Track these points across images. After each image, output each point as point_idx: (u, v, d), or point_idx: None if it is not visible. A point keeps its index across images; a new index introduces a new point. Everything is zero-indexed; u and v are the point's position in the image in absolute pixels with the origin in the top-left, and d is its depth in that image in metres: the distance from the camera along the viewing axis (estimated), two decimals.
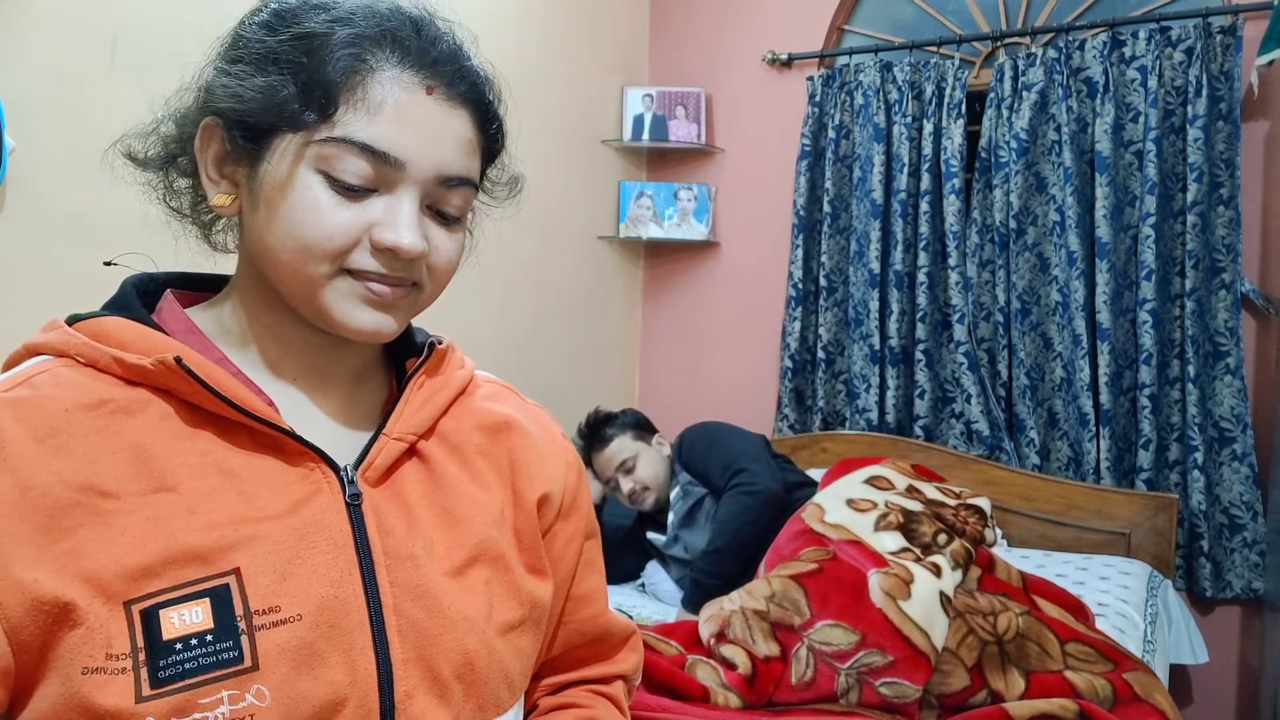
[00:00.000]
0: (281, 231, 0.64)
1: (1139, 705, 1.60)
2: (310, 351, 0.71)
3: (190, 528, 0.60)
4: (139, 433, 0.62)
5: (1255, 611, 2.62)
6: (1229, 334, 2.61)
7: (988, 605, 1.76)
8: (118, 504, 0.59)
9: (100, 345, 0.64)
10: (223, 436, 0.64)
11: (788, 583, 1.75)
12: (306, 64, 0.63)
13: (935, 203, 2.94)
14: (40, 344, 0.67)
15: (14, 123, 1.57)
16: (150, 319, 0.68)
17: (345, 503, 0.66)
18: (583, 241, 3.22)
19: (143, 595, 0.58)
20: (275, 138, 0.64)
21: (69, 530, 0.58)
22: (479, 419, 0.78)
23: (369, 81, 0.63)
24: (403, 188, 0.65)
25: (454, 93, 0.66)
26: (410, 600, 0.66)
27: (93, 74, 1.70)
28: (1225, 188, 2.60)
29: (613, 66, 3.31)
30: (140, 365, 0.63)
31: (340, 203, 0.64)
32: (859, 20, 3.24)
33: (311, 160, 0.63)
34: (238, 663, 0.58)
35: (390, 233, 0.64)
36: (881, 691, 1.61)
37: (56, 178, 1.66)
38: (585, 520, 0.85)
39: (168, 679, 0.57)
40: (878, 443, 2.89)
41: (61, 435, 0.60)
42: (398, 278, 0.66)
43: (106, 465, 0.60)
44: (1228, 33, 2.58)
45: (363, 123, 0.63)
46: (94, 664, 0.56)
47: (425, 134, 0.65)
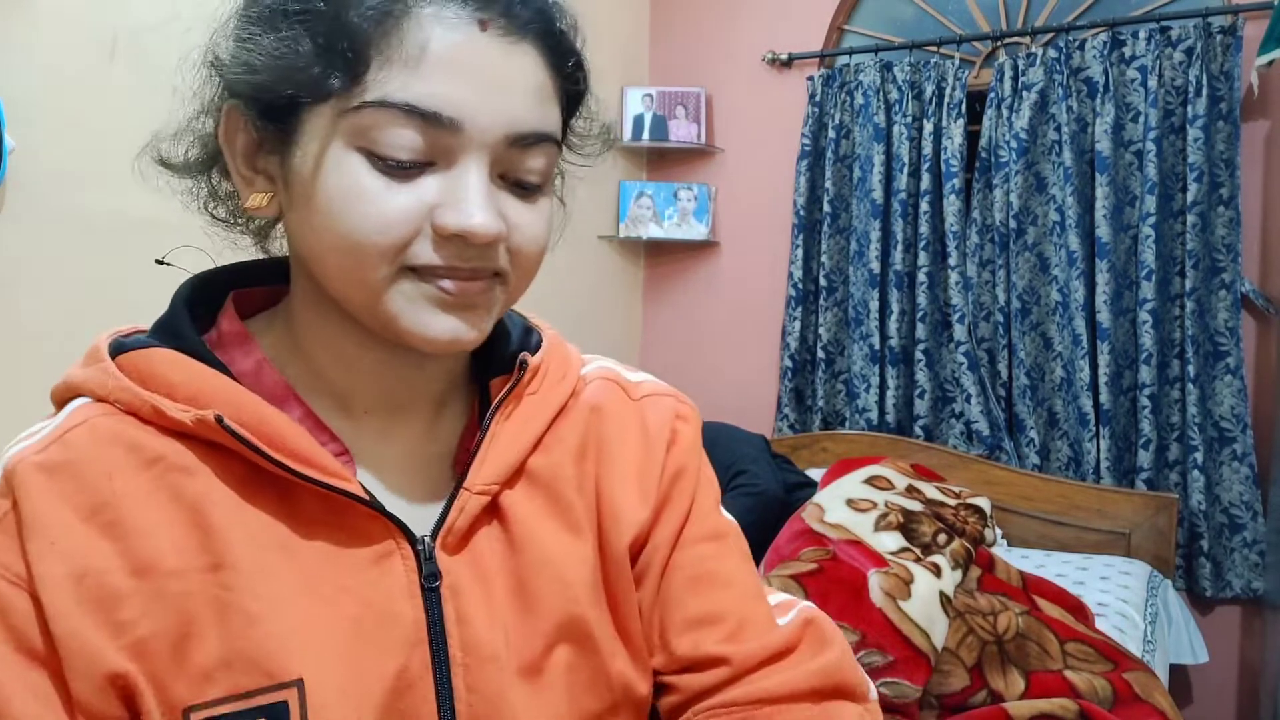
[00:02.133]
0: (324, 229, 0.52)
1: (1139, 705, 1.60)
2: (382, 376, 0.59)
3: (252, 621, 0.51)
4: (197, 495, 0.52)
5: (1255, 611, 2.62)
6: (1229, 334, 2.61)
7: (987, 605, 1.76)
8: (182, 584, 0.51)
9: (141, 391, 0.53)
10: (283, 499, 0.54)
11: (787, 582, 1.75)
12: (325, 10, 0.50)
13: (935, 203, 2.94)
14: (79, 384, 0.56)
15: (14, 123, 1.58)
16: (204, 349, 0.56)
17: (421, 585, 0.55)
18: (583, 241, 3.22)
19: (201, 704, 0.50)
20: (303, 114, 0.52)
21: (129, 625, 0.50)
22: (571, 441, 0.63)
23: (405, 24, 0.50)
24: (465, 156, 0.52)
25: (515, 24, 0.52)
26: (486, 708, 0.55)
27: (93, 74, 1.70)
28: (1225, 188, 2.60)
29: (613, 66, 3.31)
30: (179, 420, 0.53)
31: (389, 185, 0.51)
32: (859, 20, 3.24)
33: (347, 136, 0.50)
34: None
35: (456, 214, 0.51)
36: (881, 691, 1.61)
37: (56, 178, 1.66)
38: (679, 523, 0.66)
39: None
40: (878, 443, 2.89)
41: (110, 508, 0.51)
42: (472, 269, 0.53)
43: (165, 537, 0.51)
44: (1228, 33, 2.58)
45: (403, 78, 0.49)
46: None
47: (484, 82, 0.51)
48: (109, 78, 1.72)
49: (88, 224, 1.70)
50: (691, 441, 0.69)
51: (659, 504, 0.65)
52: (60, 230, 1.67)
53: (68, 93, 1.67)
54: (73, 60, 1.67)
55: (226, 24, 0.54)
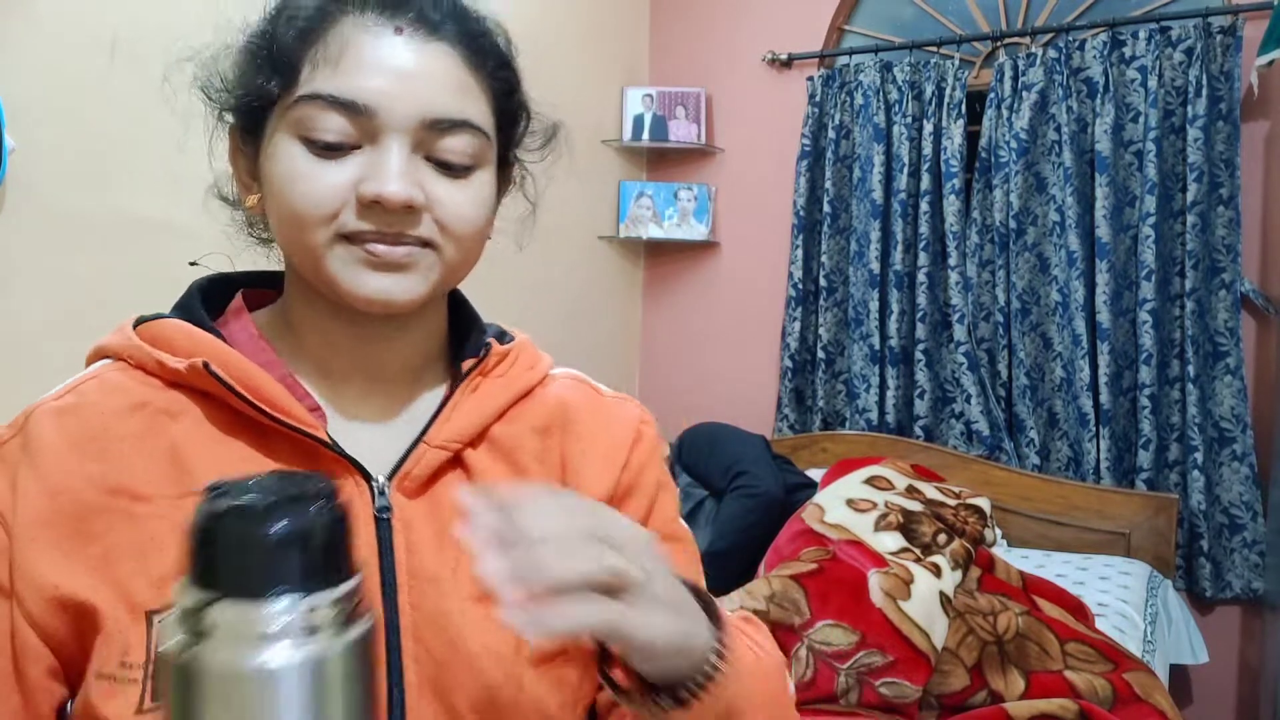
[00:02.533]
0: (277, 209, 0.62)
1: (1139, 705, 1.60)
2: (357, 346, 0.68)
3: None
4: (177, 435, 0.61)
5: (1255, 611, 2.62)
6: (1229, 334, 2.61)
7: (987, 605, 1.76)
8: (150, 507, 0.59)
9: (149, 348, 0.64)
10: (258, 443, 0.63)
11: (787, 583, 1.75)
12: (266, 31, 0.63)
13: (935, 203, 2.95)
14: (104, 346, 0.67)
15: (14, 123, 1.58)
16: (207, 321, 0.67)
17: (374, 516, 0.63)
18: (583, 241, 3.22)
19: (164, 606, 0.57)
20: (265, 118, 0.63)
21: (99, 534, 0.58)
22: (534, 420, 0.72)
23: (329, 32, 0.61)
24: (384, 138, 0.61)
25: (427, 26, 0.62)
26: (429, 627, 0.62)
27: (93, 74, 1.70)
28: (1225, 188, 2.60)
29: (613, 66, 3.31)
30: (175, 368, 0.63)
31: (321, 164, 0.60)
32: (859, 20, 3.24)
33: (288, 127, 0.61)
34: None
35: (373, 183, 0.60)
36: (881, 692, 1.61)
37: (56, 178, 1.66)
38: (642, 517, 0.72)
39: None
40: (878, 443, 2.89)
41: (99, 440, 0.60)
42: (395, 234, 0.61)
43: (141, 468, 0.60)
44: (1228, 33, 2.58)
45: (326, 75, 0.60)
46: (107, 670, 0.56)
47: (398, 76, 0.61)
48: (109, 78, 1.72)
49: (88, 224, 1.70)
50: (655, 445, 0.77)
51: (622, 491, 0.73)
52: (60, 230, 1.67)
53: (68, 93, 1.67)
54: (73, 60, 1.67)
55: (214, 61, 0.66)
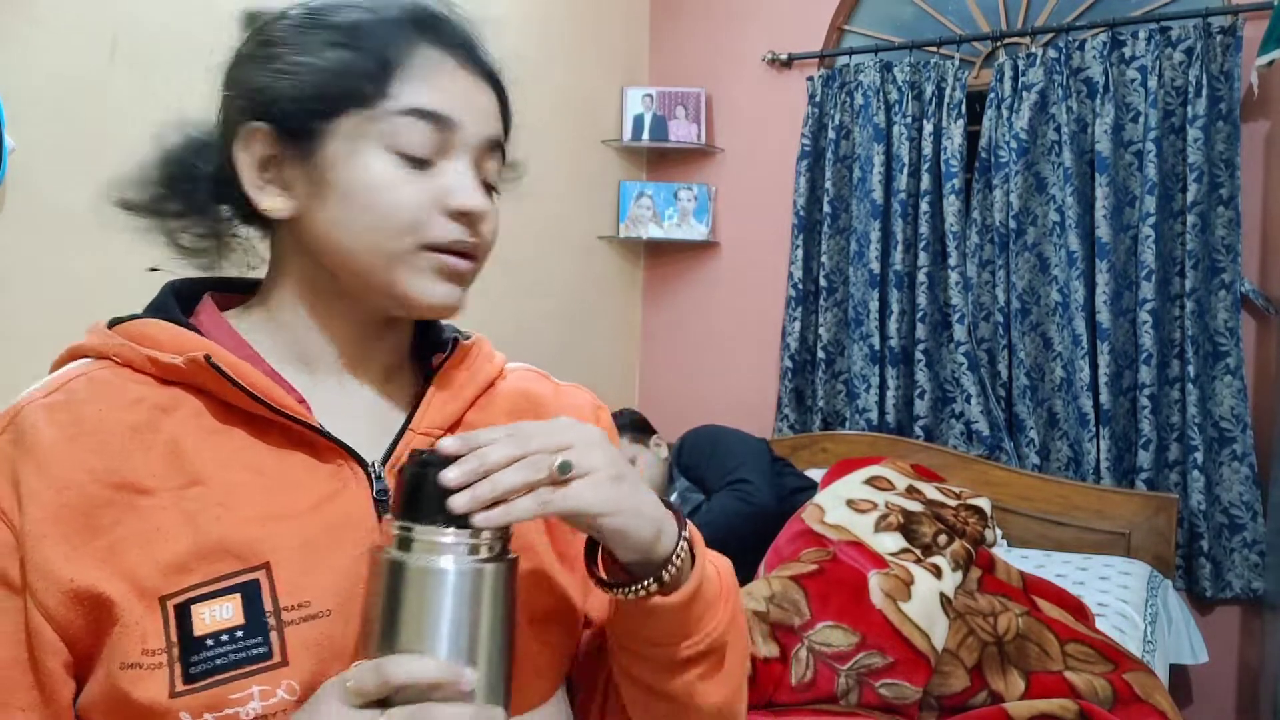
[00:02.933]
0: (357, 214, 0.65)
1: (1139, 705, 1.60)
2: (347, 345, 0.71)
3: (221, 522, 0.61)
4: (174, 429, 0.63)
5: (1255, 611, 2.62)
6: (1229, 334, 2.61)
7: (988, 606, 1.76)
8: (153, 500, 0.60)
9: (136, 346, 0.65)
10: (253, 433, 0.65)
11: (787, 583, 1.75)
12: (360, 45, 0.66)
13: (935, 203, 2.95)
14: (82, 347, 0.68)
15: (14, 123, 1.57)
16: (186, 321, 0.69)
17: (373, 499, 0.66)
18: (583, 241, 3.22)
19: (177, 591, 0.59)
20: (336, 121, 0.65)
21: (106, 528, 0.59)
22: (504, 407, 0.77)
23: (415, 57, 0.66)
24: (458, 153, 0.67)
25: (480, 70, 0.69)
26: None
27: (93, 74, 1.70)
28: (1225, 188, 2.60)
29: (613, 66, 3.31)
30: (173, 364, 0.64)
31: (410, 176, 0.65)
32: (859, 20, 3.24)
33: (376, 138, 0.65)
34: (267, 658, 0.59)
35: (463, 195, 0.66)
36: (881, 693, 1.61)
37: (56, 178, 1.65)
38: None
39: (199, 674, 0.58)
40: (878, 443, 2.89)
41: (97, 434, 0.61)
42: (471, 245, 0.68)
43: (142, 461, 0.61)
44: (1228, 33, 2.58)
45: (418, 91, 0.65)
46: (130, 659, 0.57)
47: (466, 100, 0.67)
48: (109, 78, 1.72)
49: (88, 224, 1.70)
50: (609, 429, 0.81)
51: None
52: (60, 230, 1.67)
53: (68, 93, 1.66)
54: (73, 60, 1.67)
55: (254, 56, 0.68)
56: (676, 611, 0.65)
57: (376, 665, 0.54)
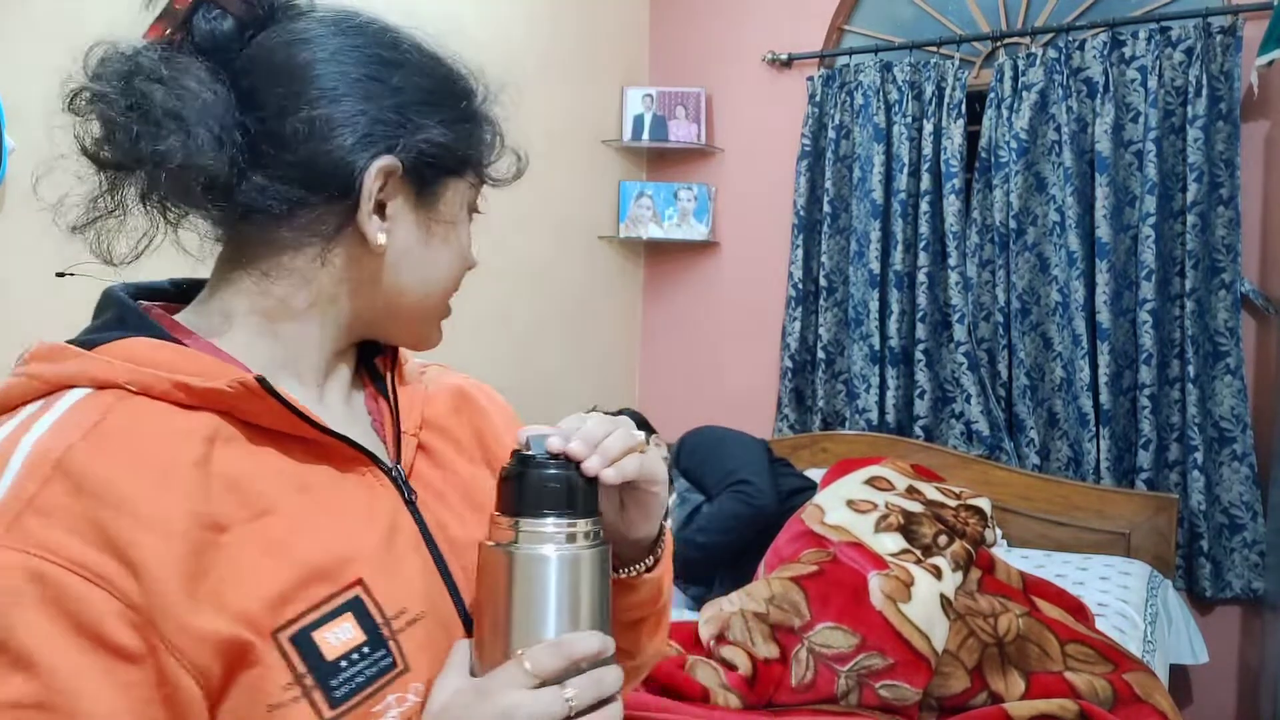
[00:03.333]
0: (449, 262, 0.72)
1: (1139, 706, 1.60)
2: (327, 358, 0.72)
3: (303, 547, 0.61)
4: (223, 460, 0.60)
5: (1255, 611, 2.62)
6: (1229, 334, 2.61)
7: (988, 607, 1.76)
8: (232, 536, 0.58)
9: (152, 371, 0.60)
10: (282, 451, 0.64)
11: (788, 584, 1.75)
12: (478, 121, 0.72)
13: (935, 203, 2.94)
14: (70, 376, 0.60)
15: (14, 123, 1.57)
16: (169, 336, 0.65)
17: (405, 502, 0.69)
18: (583, 241, 3.21)
19: (285, 623, 0.58)
20: (452, 179, 0.71)
21: (206, 571, 0.56)
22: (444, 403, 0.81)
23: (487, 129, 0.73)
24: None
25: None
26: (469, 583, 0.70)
27: None
28: (1225, 188, 2.60)
29: (613, 66, 3.31)
30: (214, 389, 0.60)
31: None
32: (859, 20, 3.24)
33: (469, 200, 0.73)
34: (394, 667, 0.62)
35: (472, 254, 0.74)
36: (881, 694, 1.61)
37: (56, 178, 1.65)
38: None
39: (344, 696, 0.59)
40: (878, 443, 2.89)
41: (170, 475, 0.57)
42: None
43: (212, 497, 0.58)
44: (1228, 33, 2.58)
45: (495, 165, 0.74)
46: (274, 700, 0.57)
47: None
48: None
49: None
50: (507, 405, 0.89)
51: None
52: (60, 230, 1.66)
53: None
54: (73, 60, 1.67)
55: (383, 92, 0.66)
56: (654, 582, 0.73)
57: (554, 646, 0.59)
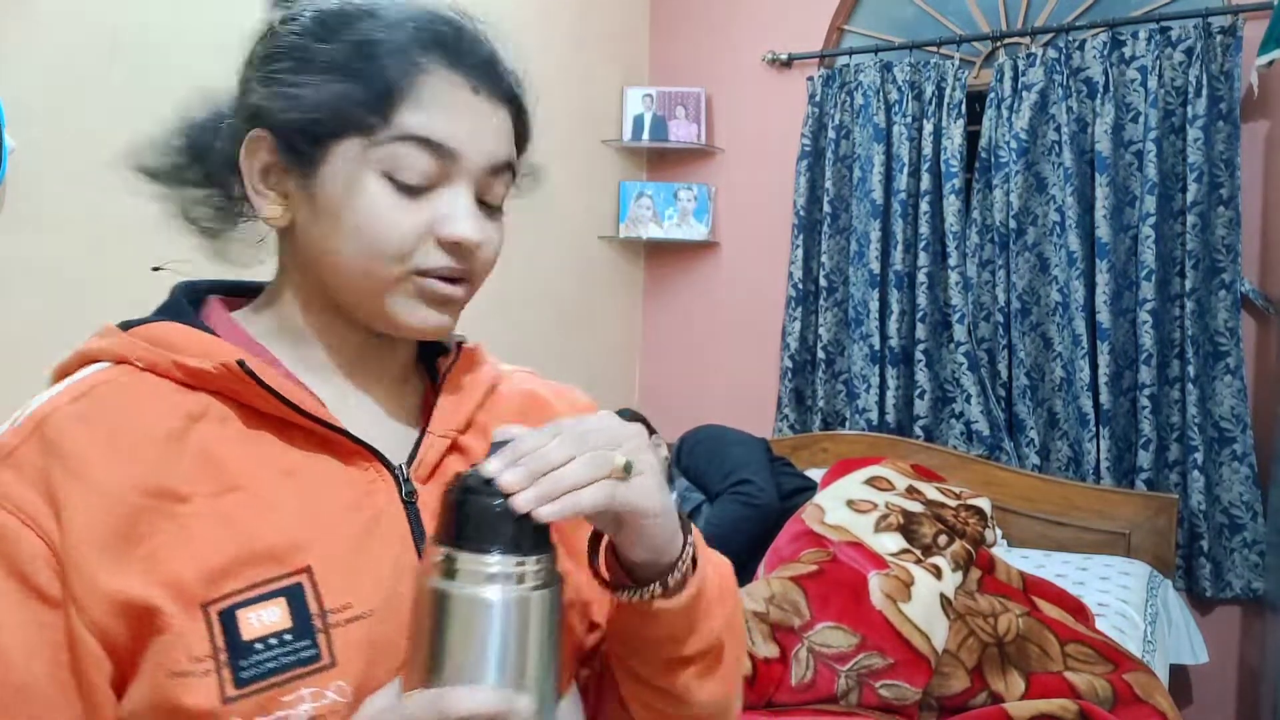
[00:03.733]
0: (347, 238, 0.65)
1: (1139, 706, 1.60)
2: (357, 352, 0.72)
3: (260, 527, 0.61)
4: (203, 436, 0.63)
5: (1255, 611, 2.62)
6: (1229, 334, 2.61)
7: (988, 607, 1.76)
8: (190, 507, 0.60)
9: (160, 350, 0.65)
10: (280, 438, 0.65)
11: (787, 584, 1.75)
12: (364, 69, 0.64)
13: (935, 203, 2.94)
14: (97, 350, 0.66)
15: (14, 123, 1.57)
16: (203, 324, 0.69)
17: (402, 500, 0.67)
18: (583, 241, 3.21)
19: (219, 597, 0.59)
20: (334, 144, 0.65)
21: (145, 536, 0.59)
22: (510, 407, 0.78)
23: (422, 83, 0.65)
24: (458, 180, 0.66)
25: (496, 90, 0.68)
26: None
27: (93, 74, 1.70)
28: (1225, 188, 2.60)
29: (613, 66, 3.31)
30: (202, 369, 0.63)
31: (403, 203, 0.65)
32: (859, 20, 3.24)
33: (373, 164, 0.64)
34: (316, 660, 0.59)
35: (454, 225, 0.65)
36: (881, 693, 1.61)
37: (56, 178, 1.65)
38: None
39: (250, 679, 0.58)
40: (878, 443, 2.89)
41: (132, 441, 0.61)
42: (461, 272, 0.67)
43: (176, 468, 0.61)
44: (1228, 33, 2.58)
45: (419, 119, 0.64)
46: (180, 668, 0.57)
47: (475, 127, 0.66)
48: (109, 78, 1.72)
49: (88, 224, 1.70)
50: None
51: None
52: (60, 230, 1.67)
53: (68, 93, 1.66)
54: (73, 60, 1.67)
55: (261, 65, 0.67)
56: (678, 614, 0.66)
57: (433, 698, 0.53)
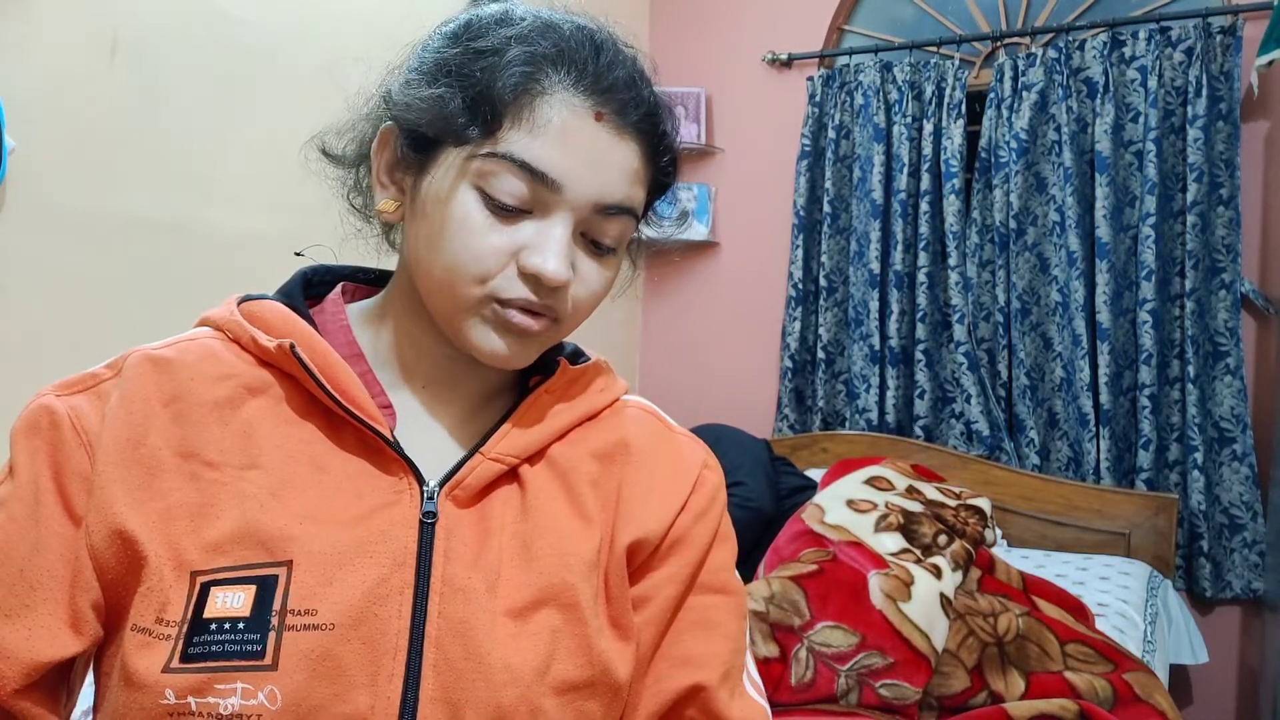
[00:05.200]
0: (434, 246, 0.64)
1: (1139, 706, 1.60)
2: (444, 362, 0.71)
3: (265, 511, 0.61)
4: (254, 411, 0.64)
5: (1255, 611, 2.62)
6: (1229, 334, 2.61)
7: (988, 606, 1.76)
8: (216, 474, 0.62)
9: (247, 324, 0.67)
10: (329, 430, 0.65)
11: (787, 584, 1.75)
12: (479, 79, 0.63)
13: (935, 203, 2.94)
14: (208, 317, 0.70)
15: (14, 123, 1.57)
16: (303, 307, 0.70)
17: (419, 519, 0.64)
18: None
19: (208, 569, 0.59)
20: (441, 150, 0.64)
21: (164, 492, 0.61)
22: (597, 445, 0.72)
23: (538, 101, 0.62)
24: (558, 212, 0.63)
25: (625, 122, 0.64)
26: (452, 636, 0.61)
27: (93, 74, 1.70)
28: (1225, 188, 2.60)
29: None
30: (266, 346, 0.65)
31: (493, 223, 0.63)
32: (859, 20, 3.24)
33: (471, 175, 0.63)
34: (258, 657, 0.57)
35: (537, 257, 0.62)
36: (881, 693, 1.61)
37: (56, 178, 1.65)
38: (695, 567, 0.72)
39: (195, 656, 0.57)
40: (878, 443, 2.89)
41: (183, 401, 0.63)
42: (543, 306, 0.64)
43: (216, 436, 0.63)
44: (1228, 33, 2.58)
45: (525, 141, 0.62)
46: (143, 624, 0.58)
47: (588, 159, 0.63)
48: (109, 78, 1.72)
49: (88, 224, 1.70)
50: (715, 492, 0.76)
51: (671, 540, 0.71)
52: (60, 230, 1.67)
53: (68, 93, 1.66)
54: (73, 60, 1.67)
55: (400, 68, 0.68)
56: None
57: None
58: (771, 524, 2.21)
